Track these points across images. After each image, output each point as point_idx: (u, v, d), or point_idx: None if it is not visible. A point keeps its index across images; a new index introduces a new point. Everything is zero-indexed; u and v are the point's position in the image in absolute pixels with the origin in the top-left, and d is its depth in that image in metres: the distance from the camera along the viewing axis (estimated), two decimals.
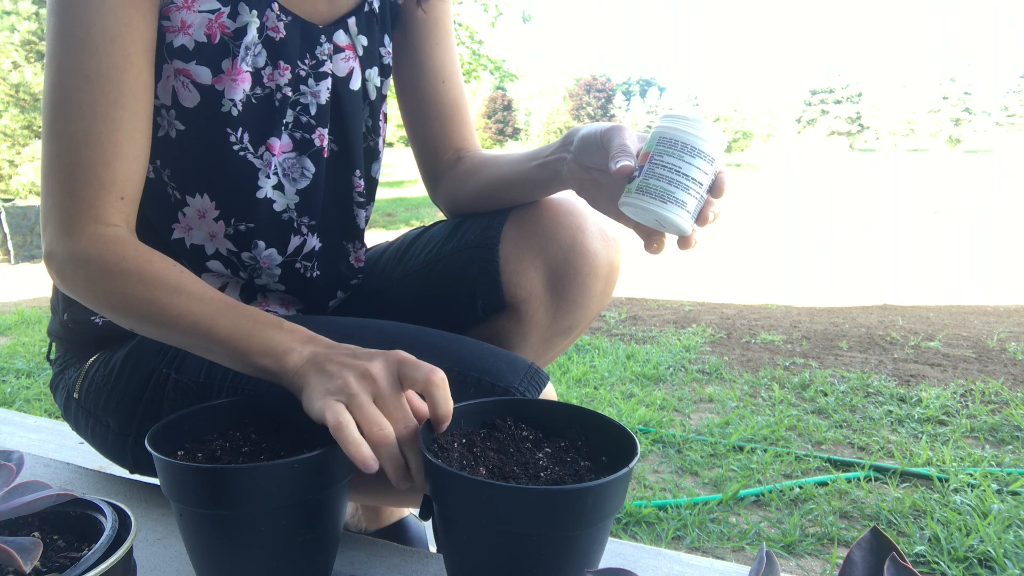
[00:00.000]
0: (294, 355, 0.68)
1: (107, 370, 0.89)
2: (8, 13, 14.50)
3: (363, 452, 0.60)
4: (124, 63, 0.74)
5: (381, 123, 1.00)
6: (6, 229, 11.35)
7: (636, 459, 0.61)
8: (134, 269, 0.71)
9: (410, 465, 0.63)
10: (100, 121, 0.73)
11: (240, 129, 0.84)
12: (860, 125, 71.23)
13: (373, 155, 1.00)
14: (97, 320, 0.91)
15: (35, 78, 14.47)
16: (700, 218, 0.71)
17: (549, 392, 0.85)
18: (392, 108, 1.12)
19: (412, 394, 0.67)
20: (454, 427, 0.69)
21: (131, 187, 0.76)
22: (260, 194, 0.87)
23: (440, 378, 0.63)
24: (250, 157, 0.85)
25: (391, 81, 1.02)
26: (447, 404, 0.64)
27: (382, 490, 0.91)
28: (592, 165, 0.78)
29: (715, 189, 0.70)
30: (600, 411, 0.69)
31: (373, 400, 0.63)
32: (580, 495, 0.55)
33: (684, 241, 0.72)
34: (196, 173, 0.86)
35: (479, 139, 1.09)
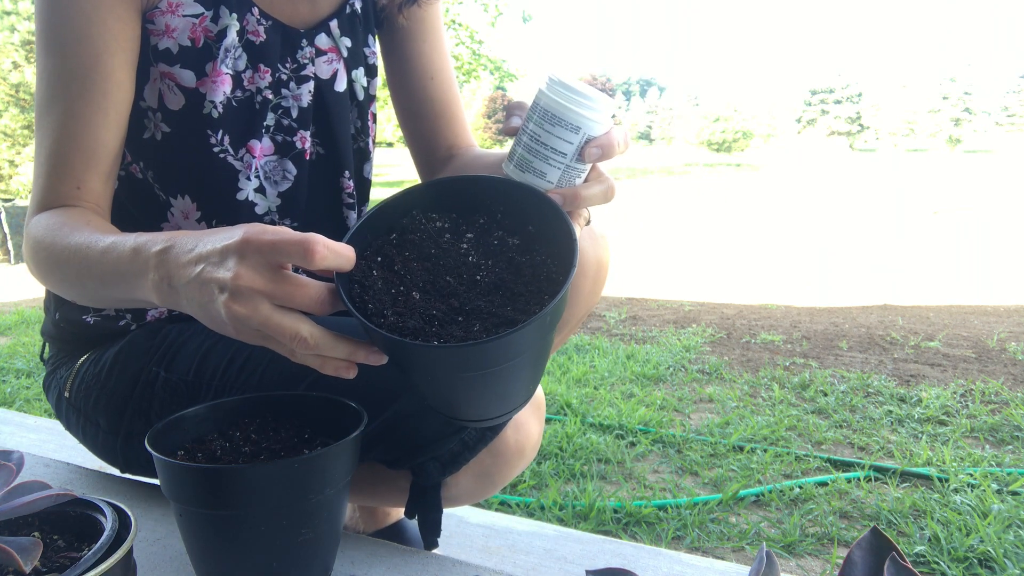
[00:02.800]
0: (148, 285, 0.60)
1: (97, 369, 0.89)
2: (8, 13, 14.50)
3: (330, 368, 0.56)
4: (92, 62, 0.76)
5: (370, 123, 1.00)
6: (6, 229, 11.35)
7: (574, 265, 0.55)
8: (47, 241, 0.72)
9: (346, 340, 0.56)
10: (65, 116, 0.76)
11: (220, 131, 0.85)
12: (860, 125, 71.24)
13: (364, 156, 1.00)
14: (88, 319, 0.92)
15: (35, 78, 14.47)
16: (567, 186, 0.65)
17: (537, 394, 0.85)
18: (390, 107, 1.13)
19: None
20: (362, 247, 0.61)
21: (91, 178, 0.77)
22: (241, 196, 0.88)
23: (313, 244, 0.52)
24: (230, 159, 0.86)
25: (379, 81, 1.02)
26: (340, 256, 0.54)
27: (380, 488, 0.91)
28: None
29: (582, 155, 0.63)
30: (541, 308, 0.55)
31: (272, 306, 0.54)
32: (532, 329, 0.52)
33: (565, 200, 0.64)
34: (178, 175, 0.87)
35: (479, 139, 1.09)
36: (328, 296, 0.55)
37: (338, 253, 0.54)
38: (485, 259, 0.61)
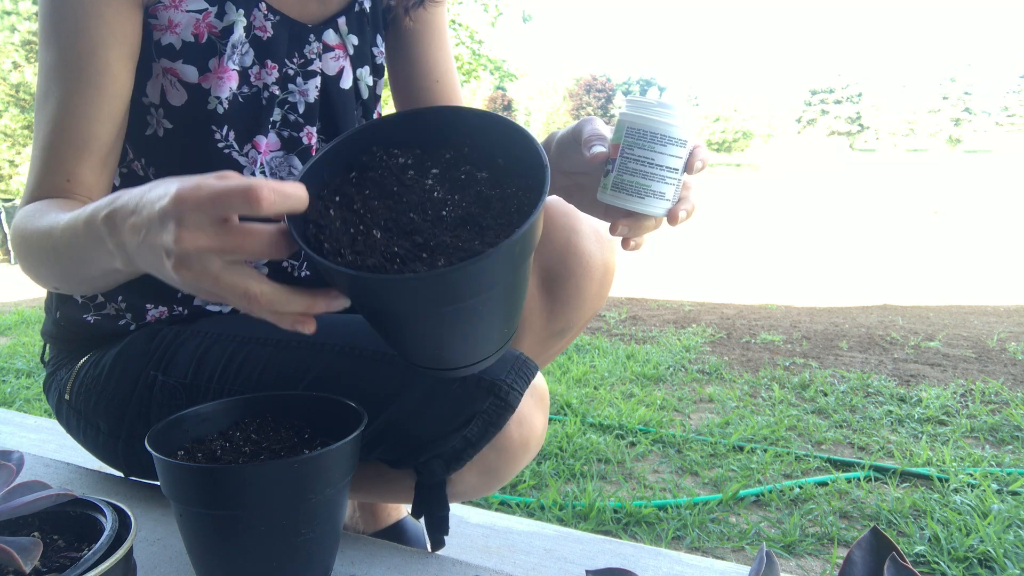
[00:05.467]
0: (108, 254, 0.58)
1: (97, 371, 0.89)
2: (8, 13, 14.50)
3: (287, 322, 0.53)
4: (87, 55, 0.75)
5: None
6: (6, 229, 11.35)
7: (546, 190, 0.52)
8: (20, 228, 0.71)
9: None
10: (58, 108, 0.76)
11: (225, 127, 0.84)
12: (860, 125, 71.26)
13: None
14: (88, 318, 0.91)
15: (35, 78, 14.47)
16: (679, 200, 0.69)
17: (540, 384, 0.84)
18: (390, 108, 1.13)
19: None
20: (318, 188, 0.58)
21: (82, 171, 0.77)
22: None
23: (258, 190, 0.47)
24: (235, 155, 0.86)
25: (384, 81, 1.02)
26: (290, 197, 0.50)
27: (385, 488, 0.91)
28: (572, 170, 0.77)
29: (689, 168, 0.68)
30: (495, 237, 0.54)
31: (222, 262, 0.51)
32: (500, 257, 0.49)
33: (671, 218, 0.69)
34: (181, 171, 0.86)
35: None
36: (281, 238, 0.52)
37: (287, 195, 0.49)
38: (451, 194, 0.58)
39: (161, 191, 0.51)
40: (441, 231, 0.54)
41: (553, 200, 0.90)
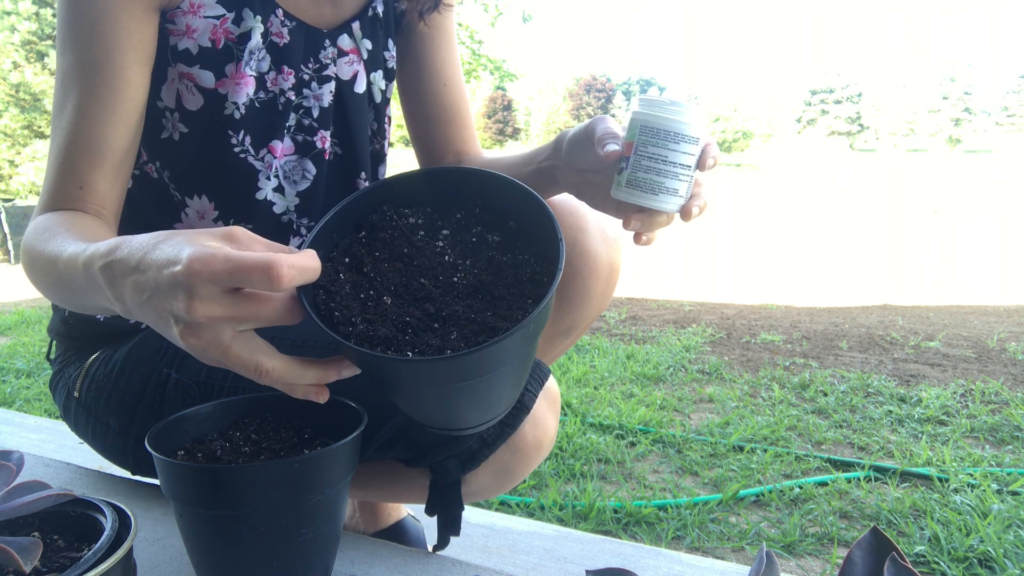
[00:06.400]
0: (107, 301, 0.56)
1: (108, 369, 0.89)
2: (8, 13, 14.49)
3: (299, 393, 0.53)
4: (102, 59, 0.75)
5: (386, 126, 1.01)
6: (6, 229, 11.35)
7: (560, 267, 0.51)
8: (28, 246, 0.70)
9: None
10: (74, 113, 0.75)
11: (242, 132, 0.84)
12: (860, 125, 71.29)
13: (379, 158, 1.01)
14: (99, 316, 0.91)
15: (35, 78, 14.47)
16: (691, 197, 0.70)
17: (552, 387, 0.84)
18: (394, 109, 1.14)
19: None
20: (327, 248, 0.57)
21: (95, 178, 0.76)
22: (260, 195, 0.88)
23: (278, 267, 0.46)
24: (251, 159, 0.86)
25: (395, 84, 1.02)
26: (306, 271, 0.48)
27: (399, 486, 0.91)
28: (584, 167, 0.78)
29: (701, 165, 0.69)
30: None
31: (233, 332, 0.50)
32: (515, 338, 0.48)
33: (684, 215, 0.71)
34: (196, 175, 0.86)
35: (479, 139, 1.10)
36: (295, 305, 0.51)
37: (305, 268, 0.48)
38: (463, 258, 0.57)
39: (170, 253, 0.48)
40: (452, 300, 0.54)
41: (560, 198, 0.91)
